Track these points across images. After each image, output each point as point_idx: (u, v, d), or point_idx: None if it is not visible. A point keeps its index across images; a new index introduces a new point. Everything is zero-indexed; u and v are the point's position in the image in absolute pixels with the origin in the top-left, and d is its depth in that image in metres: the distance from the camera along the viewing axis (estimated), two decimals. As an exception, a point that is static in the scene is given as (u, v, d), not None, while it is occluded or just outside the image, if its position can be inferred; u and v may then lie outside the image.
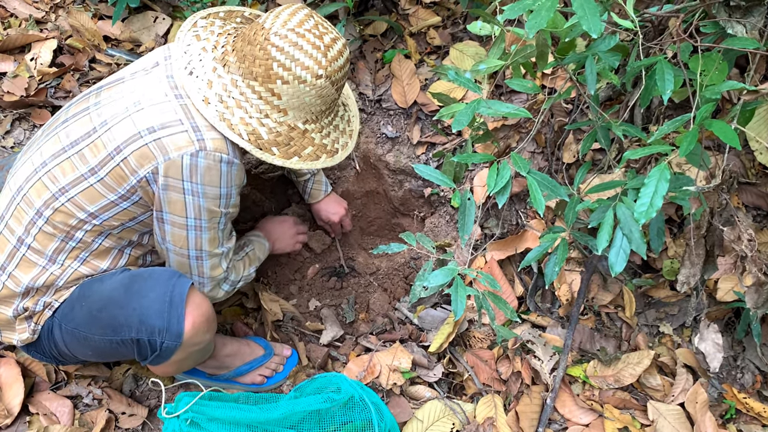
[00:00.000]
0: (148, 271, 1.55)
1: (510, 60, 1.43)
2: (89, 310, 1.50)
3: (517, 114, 1.37)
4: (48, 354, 1.61)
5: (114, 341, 1.49)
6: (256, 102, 1.45)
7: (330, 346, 2.05)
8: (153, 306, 1.47)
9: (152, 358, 1.52)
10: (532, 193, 1.33)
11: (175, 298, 1.48)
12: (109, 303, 1.49)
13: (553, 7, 1.17)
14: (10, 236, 1.50)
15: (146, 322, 1.46)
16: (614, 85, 2.00)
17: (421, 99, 2.33)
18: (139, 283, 1.51)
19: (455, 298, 1.36)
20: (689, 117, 1.25)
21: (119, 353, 1.56)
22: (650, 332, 2.05)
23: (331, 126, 1.61)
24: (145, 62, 1.55)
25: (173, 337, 1.48)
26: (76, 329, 1.51)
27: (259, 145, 1.45)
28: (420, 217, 2.43)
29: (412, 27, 2.43)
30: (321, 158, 1.55)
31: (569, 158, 2.07)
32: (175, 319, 1.47)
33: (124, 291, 1.50)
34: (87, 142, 1.45)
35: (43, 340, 1.57)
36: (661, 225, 1.53)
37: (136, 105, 1.43)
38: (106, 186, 1.46)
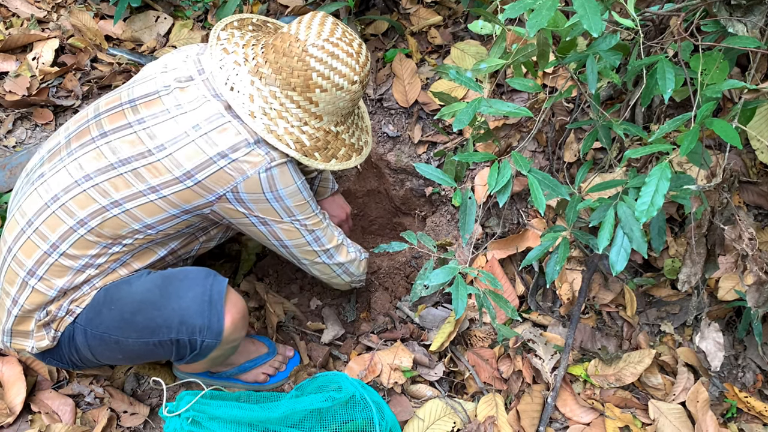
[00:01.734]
0: (181, 272, 1.57)
1: (511, 59, 1.43)
2: (120, 314, 1.50)
3: (518, 113, 1.37)
4: (65, 360, 1.60)
5: (151, 343, 1.50)
6: (295, 111, 1.50)
7: (331, 345, 2.05)
8: (193, 306, 1.49)
9: (190, 357, 1.55)
10: (533, 192, 1.33)
11: (214, 297, 1.52)
12: (144, 306, 1.50)
13: (553, 6, 1.17)
14: (41, 242, 1.48)
15: (187, 321, 1.48)
16: (615, 84, 2.00)
17: (422, 98, 2.34)
18: (175, 284, 1.53)
19: (456, 297, 1.36)
20: (690, 116, 1.25)
21: (155, 354, 1.57)
22: (651, 331, 2.05)
23: (354, 125, 1.68)
24: (177, 73, 1.53)
25: (214, 335, 1.51)
26: (105, 333, 1.51)
27: (304, 152, 1.52)
28: (421, 216, 2.44)
29: (413, 26, 2.43)
30: (353, 157, 1.64)
31: (570, 157, 2.07)
32: (216, 318, 1.50)
33: (159, 293, 1.51)
34: (143, 163, 1.45)
35: (63, 346, 1.56)
36: (662, 224, 1.53)
37: (197, 129, 1.45)
38: (169, 203, 1.48)
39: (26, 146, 2.22)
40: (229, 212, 1.56)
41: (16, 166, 2.15)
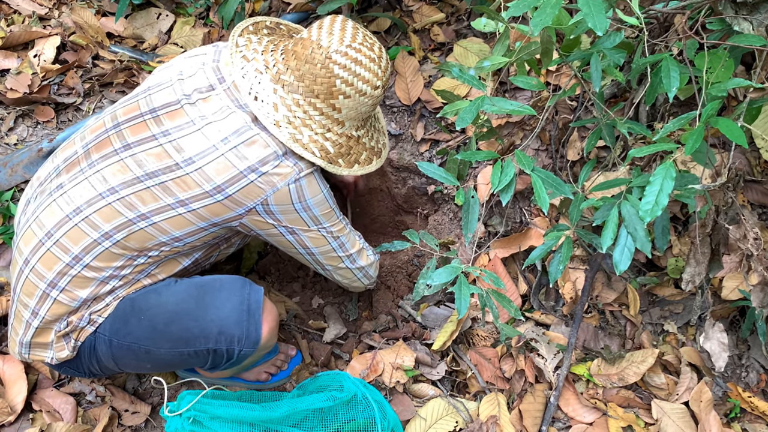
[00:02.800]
0: (217, 281, 1.56)
1: (514, 57, 1.43)
2: (152, 325, 1.49)
3: (521, 111, 1.37)
4: (84, 370, 1.59)
5: (185, 353, 1.50)
6: (318, 118, 1.49)
7: (333, 344, 2.04)
8: (232, 316, 1.50)
9: (225, 366, 1.56)
10: (536, 191, 1.32)
11: (252, 306, 1.52)
12: (178, 316, 1.50)
13: (558, 4, 1.16)
14: (62, 254, 1.46)
15: (226, 332, 1.49)
16: (619, 83, 1.99)
17: (424, 96, 2.33)
18: (212, 294, 1.53)
19: (459, 297, 1.35)
20: (695, 114, 1.24)
21: (187, 363, 1.57)
22: (654, 330, 2.04)
23: (372, 128, 1.67)
24: (196, 82, 1.50)
25: (251, 345, 1.52)
26: (134, 344, 1.50)
27: (329, 159, 1.51)
28: (423, 214, 2.43)
29: (415, 24, 2.42)
30: (373, 161, 1.64)
31: (573, 156, 2.06)
32: (254, 327, 1.51)
33: (196, 303, 1.51)
34: (171, 177, 1.43)
35: (83, 356, 1.55)
36: (666, 223, 1.52)
37: (226, 143, 1.43)
38: (198, 216, 1.47)
39: (27, 144, 2.22)
40: (257, 224, 1.55)
41: (17, 164, 2.14)
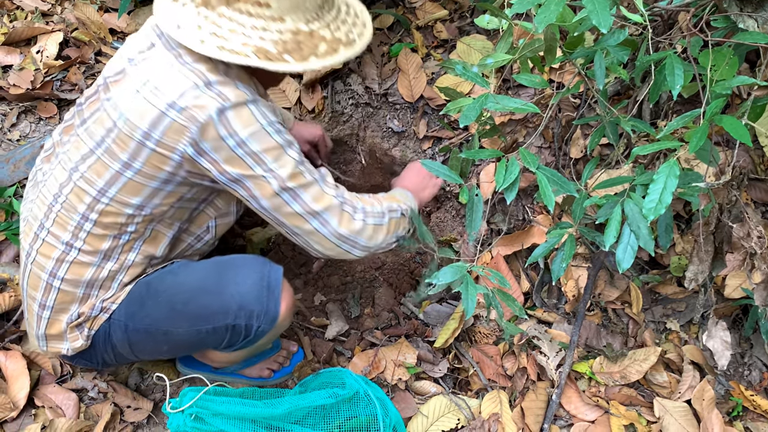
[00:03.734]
0: (236, 259, 1.57)
1: (518, 54, 1.42)
2: (170, 305, 1.49)
3: (525, 109, 1.36)
4: (97, 360, 1.60)
5: (204, 331, 1.50)
6: (249, 21, 1.36)
7: (335, 341, 2.04)
8: (252, 292, 1.50)
9: (241, 344, 1.55)
10: (542, 189, 1.32)
11: (272, 283, 1.52)
12: (198, 293, 1.50)
13: (562, 2, 1.16)
14: (56, 242, 1.47)
15: (246, 307, 1.48)
16: (623, 80, 1.98)
17: (427, 93, 2.32)
18: (232, 270, 1.53)
19: (465, 297, 1.35)
20: (699, 112, 1.23)
21: (203, 343, 1.55)
22: (657, 329, 2.04)
23: (338, 21, 1.52)
24: (140, 45, 1.47)
25: (269, 321, 1.51)
26: (151, 326, 1.50)
27: (269, 57, 1.37)
28: (426, 211, 2.42)
29: (418, 20, 2.41)
30: (339, 51, 1.46)
31: (577, 153, 2.05)
32: (273, 304, 1.51)
33: (215, 280, 1.52)
34: (111, 137, 1.42)
35: (97, 345, 1.55)
36: (669, 221, 1.52)
37: (146, 84, 1.39)
38: (145, 176, 1.43)
39: (30, 140, 2.22)
40: (203, 172, 1.44)
41: (20, 160, 2.14)
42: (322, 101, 2.41)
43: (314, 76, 2.39)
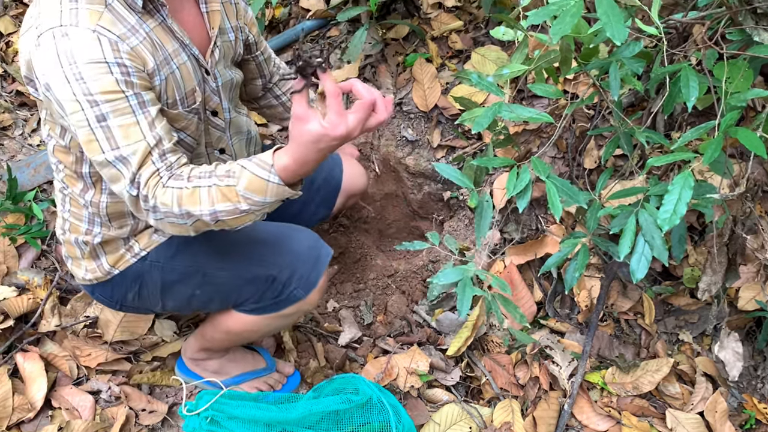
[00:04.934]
0: (298, 227, 1.62)
1: (533, 65, 1.43)
2: (223, 247, 1.52)
3: (539, 119, 1.37)
4: (117, 298, 1.57)
5: (243, 278, 1.51)
6: None
7: (348, 348, 2.06)
8: (304, 254, 1.54)
9: (269, 304, 1.55)
10: (550, 198, 1.32)
11: (322, 257, 1.57)
12: (254, 240, 1.54)
13: (577, 13, 1.17)
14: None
15: (293, 264, 1.52)
16: (637, 91, 1.99)
17: (441, 103, 2.34)
18: (293, 231, 1.59)
19: (461, 297, 1.35)
20: (713, 124, 1.24)
21: (237, 293, 1.54)
22: (669, 340, 2.04)
23: None
24: None
25: (305, 289, 1.54)
26: (191, 266, 1.51)
27: None
28: (439, 220, 2.44)
29: (434, 31, 2.44)
30: None
31: (590, 164, 2.06)
32: (315, 274, 1.54)
33: (276, 235, 1.57)
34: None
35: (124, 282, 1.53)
36: (683, 232, 1.52)
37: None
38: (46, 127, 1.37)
39: (50, 145, 2.26)
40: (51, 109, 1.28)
41: (40, 165, 2.18)
42: (337, 110, 2.43)
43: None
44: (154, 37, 1.27)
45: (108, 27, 1.17)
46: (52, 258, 2.06)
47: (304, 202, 1.90)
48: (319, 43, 2.54)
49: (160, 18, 1.29)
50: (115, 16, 1.20)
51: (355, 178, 1.99)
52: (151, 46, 1.25)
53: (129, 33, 1.21)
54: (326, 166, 1.93)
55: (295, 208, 1.89)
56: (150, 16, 1.27)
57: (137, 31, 1.23)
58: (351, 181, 1.97)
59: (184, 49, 1.34)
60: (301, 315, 1.68)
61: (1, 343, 1.81)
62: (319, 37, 2.56)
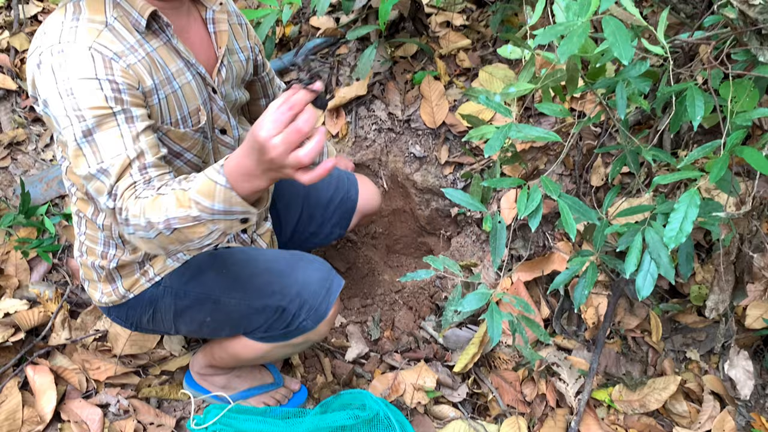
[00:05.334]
0: (311, 256, 1.63)
1: (540, 84, 1.45)
2: (234, 275, 1.53)
3: (547, 138, 1.39)
4: (132, 320, 1.60)
5: (254, 307, 1.52)
6: None
7: (355, 363, 2.06)
8: (314, 285, 1.54)
9: (278, 333, 1.56)
10: (564, 216, 1.34)
11: (333, 288, 1.57)
12: (266, 270, 1.54)
13: (584, 33, 1.19)
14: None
15: (303, 295, 1.52)
16: (643, 110, 2.00)
17: (449, 120, 2.36)
18: (305, 262, 1.59)
19: (491, 325, 1.36)
20: (719, 143, 1.25)
21: (246, 322, 1.56)
22: (677, 357, 2.03)
23: None
24: None
25: (314, 320, 1.54)
26: (203, 293, 1.53)
27: None
28: (446, 236, 2.45)
29: (442, 49, 2.46)
30: None
31: (597, 181, 2.07)
32: (325, 305, 1.54)
33: (287, 264, 1.57)
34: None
35: (136, 306, 1.55)
36: (689, 250, 1.53)
37: None
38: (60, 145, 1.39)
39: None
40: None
41: (53, 179, 2.20)
42: (345, 126, 2.46)
43: (339, 101, 2.44)
44: (157, 56, 1.29)
45: (105, 44, 1.20)
46: (63, 272, 2.08)
47: (321, 223, 1.93)
48: (329, 60, 2.57)
49: (165, 38, 1.32)
50: (114, 34, 1.23)
51: (370, 198, 2.01)
52: (152, 65, 1.27)
53: (127, 51, 1.23)
54: (342, 187, 1.95)
55: (311, 228, 1.92)
56: (154, 36, 1.30)
57: (136, 50, 1.25)
58: (366, 202, 1.99)
59: (189, 69, 1.36)
60: (310, 344, 1.68)
61: (12, 355, 1.83)
62: (328, 55, 2.59)
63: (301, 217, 1.92)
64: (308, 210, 1.91)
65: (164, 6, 1.31)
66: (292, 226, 1.91)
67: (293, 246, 1.95)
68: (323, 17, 2.54)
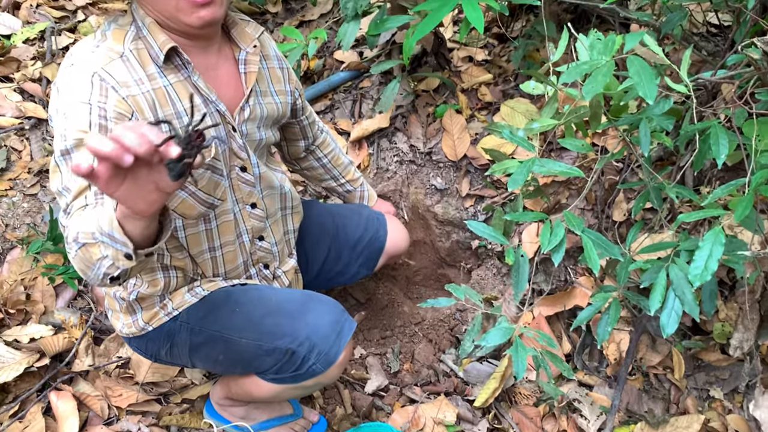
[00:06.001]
0: (323, 297, 1.61)
1: (563, 120, 1.47)
2: (246, 315, 1.53)
3: (570, 173, 1.40)
4: (152, 352, 1.61)
5: (263, 348, 1.51)
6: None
7: (375, 396, 2.05)
8: (324, 329, 1.52)
9: (288, 376, 1.54)
10: (587, 252, 1.34)
11: (344, 331, 1.54)
12: (277, 312, 1.53)
13: (609, 72, 1.20)
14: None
15: (312, 339, 1.50)
16: (665, 146, 2.01)
17: (471, 153, 2.38)
18: (316, 303, 1.57)
19: (516, 360, 1.36)
20: (744, 182, 1.26)
21: (255, 362, 1.55)
22: (700, 396, 2.00)
23: None
24: None
25: (323, 365, 1.52)
26: (218, 332, 1.53)
27: None
28: (467, 268, 2.45)
29: (463, 83, 2.49)
30: None
31: (619, 216, 2.07)
32: (335, 350, 1.52)
33: (299, 305, 1.55)
34: None
35: (155, 339, 1.57)
36: (713, 288, 1.52)
37: None
38: None
39: (90, 188, 2.33)
40: None
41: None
42: (368, 158, 2.48)
43: (361, 133, 2.47)
44: (171, 91, 1.32)
45: (111, 72, 1.24)
46: (87, 298, 2.10)
47: (348, 263, 1.94)
48: (352, 93, 2.61)
49: (185, 74, 1.35)
50: (125, 65, 1.27)
51: (399, 240, 2.02)
52: (158, 99, 1.30)
53: (132, 83, 1.26)
54: (372, 228, 1.96)
55: (338, 267, 1.93)
56: (174, 71, 1.34)
57: (143, 83, 1.28)
58: (394, 243, 2.00)
59: (207, 106, 1.39)
60: (322, 387, 1.66)
61: (36, 381, 1.85)
62: (351, 88, 2.64)
63: (328, 256, 1.92)
64: (336, 249, 1.92)
65: (190, 44, 1.35)
66: (319, 265, 1.92)
67: (318, 284, 1.97)
68: (348, 51, 2.58)
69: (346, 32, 2.13)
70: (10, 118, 2.42)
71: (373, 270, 1.99)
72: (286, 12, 3.06)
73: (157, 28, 1.30)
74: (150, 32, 1.30)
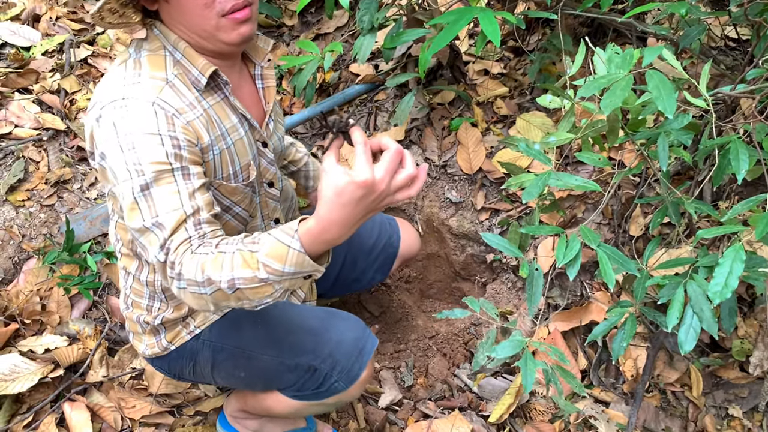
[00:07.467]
0: (345, 314, 1.60)
1: (581, 134, 1.46)
2: (268, 331, 1.52)
3: (586, 187, 1.39)
4: (175, 371, 1.61)
5: (285, 365, 1.51)
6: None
7: (388, 410, 2.04)
8: (347, 346, 1.51)
9: (309, 393, 1.54)
10: (602, 267, 1.33)
11: (366, 348, 1.54)
12: (300, 328, 1.53)
13: (627, 86, 1.19)
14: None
15: (335, 356, 1.49)
16: (683, 160, 1.99)
17: (486, 166, 2.37)
18: (338, 320, 1.57)
19: (524, 373, 1.35)
20: (764, 197, 1.24)
21: (278, 378, 1.55)
22: (718, 414, 1.97)
23: None
24: None
25: (346, 382, 1.51)
26: (238, 348, 1.53)
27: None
28: (481, 282, 2.44)
29: (479, 97, 2.49)
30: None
31: (636, 231, 2.05)
32: (357, 367, 1.51)
33: (321, 322, 1.55)
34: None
35: (178, 358, 1.56)
36: (733, 304, 1.50)
37: None
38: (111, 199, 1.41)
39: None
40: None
41: (96, 218, 2.26)
42: (382, 171, 2.48)
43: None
44: (213, 113, 1.32)
45: (167, 100, 1.23)
46: (102, 309, 2.11)
47: (364, 269, 1.94)
48: (367, 106, 2.62)
49: (222, 95, 1.35)
50: (174, 91, 1.26)
51: (411, 243, 2.02)
52: (208, 121, 1.30)
53: (187, 108, 1.26)
54: (385, 233, 1.96)
55: (354, 274, 1.93)
56: (211, 93, 1.34)
57: (195, 108, 1.28)
58: (407, 246, 2.00)
59: (242, 124, 1.39)
60: (342, 404, 1.65)
61: (51, 391, 1.85)
62: (367, 101, 2.64)
63: (344, 263, 1.92)
64: (352, 256, 1.92)
65: (221, 64, 1.35)
66: (335, 273, 1.91)
67: (334, 291, 1.97)
68: (363, 64, 2.59)
69: (362, 45, 2.14)
70: (28, 129, 2.44)
71: (388, 274, 1.99)
72: (302, 25, 3.08)
73: (192, 51, 1.29)
74: (186, 56, 1.29)
